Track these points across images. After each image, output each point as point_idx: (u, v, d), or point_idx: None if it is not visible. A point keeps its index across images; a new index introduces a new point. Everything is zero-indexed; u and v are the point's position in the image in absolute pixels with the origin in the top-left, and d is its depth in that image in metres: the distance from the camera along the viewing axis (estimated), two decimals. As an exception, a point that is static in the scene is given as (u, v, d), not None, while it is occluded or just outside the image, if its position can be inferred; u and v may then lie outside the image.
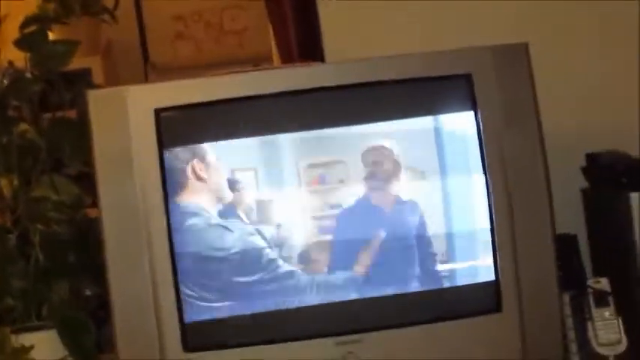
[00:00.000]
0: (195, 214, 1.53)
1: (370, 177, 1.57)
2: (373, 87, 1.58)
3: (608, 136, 1.91)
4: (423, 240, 1.57)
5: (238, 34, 5.64)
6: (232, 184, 1.54)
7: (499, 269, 1.56)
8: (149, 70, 5.59)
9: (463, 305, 1.58)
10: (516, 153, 1.57)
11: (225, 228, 1.53)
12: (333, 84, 1.56)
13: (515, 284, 1.56)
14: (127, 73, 5.32)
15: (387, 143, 1.58)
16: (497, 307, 1.56)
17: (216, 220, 1.53)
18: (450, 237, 1.58)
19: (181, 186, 1.53)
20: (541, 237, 1.57)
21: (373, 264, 1.56)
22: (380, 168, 1.58)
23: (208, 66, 5.50)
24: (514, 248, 1.56)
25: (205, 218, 1.53)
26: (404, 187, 1.58)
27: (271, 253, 1.54)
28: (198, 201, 1.53)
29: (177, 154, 1.52)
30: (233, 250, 1.54)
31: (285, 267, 1.55)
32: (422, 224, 1.57)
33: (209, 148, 1.53)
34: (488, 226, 1.56)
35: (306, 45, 2.54)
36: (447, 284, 1.59)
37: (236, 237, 1.54)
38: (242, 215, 1.53)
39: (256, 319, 1.55)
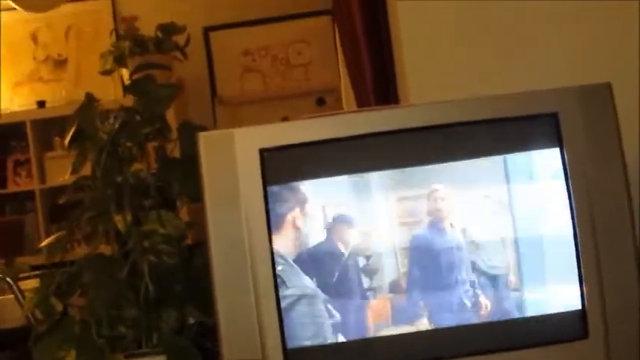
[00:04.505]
0: (281, 258, 1.63)
1: (456, 212, 1.66)
2: (463, 127, 1.67)
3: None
4: (512, 271, 1.65)
5: (304, 67, 5.77)
6: (328, 221, 1.64)
7: (585, 297, 1.64)
8: (217, 104, 5.74)
9: (550, 332, 1.66)
10: (601, 188, 1.64)
11: (316, 266, 1.63)
12: (425, 124, 1.65)
13: (601, 311, 1.63)
14: (196, 108, 5.48)
15: (473, 180, 1.67)
16: (584, 334, 1.64)
17: (301, 263, 1.63)
18: (537, 268, 1.66)
19: (279, 229, 1.63)
20: (625, 266, 1.64)
21: (464, 293, 1.65)
22: (464, 203, 1.67)
23: (275, 99, 5.66)
24: (600, 277, 1.63)
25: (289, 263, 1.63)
26: (489, 220, 1.67)
27: (365, 283, 1.64)
28: (288, 246, 1.63)
29: (280, 194, 1.62)
30: (327, 283, 1.63)
31: (377, 296, 1.64)
32: (510, 256, 1.66)
33: (308, 189, 1.63)
34: (574, 257, 1.64)
35: (381, 87, 2.64)
36: (535, 312, 1.66)
37: (329, 271, 1.63)
38: (337, 249, 1.63)
39: (352, 345, 1.64)
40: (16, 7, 4.70)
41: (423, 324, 1.65)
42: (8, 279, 2.71)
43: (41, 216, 5.35)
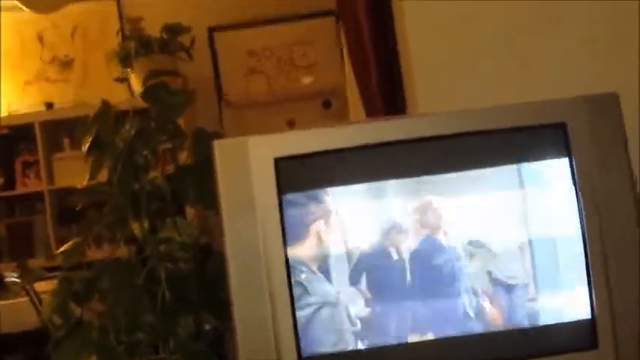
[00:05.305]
0: (303, 265, 1.66)
1: (466, 221, 1.69)
2: (473, 136, 1.70)
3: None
4: (523, 282, 1.68)
5: (308, 68, 5.78)
6: (346, 229, 1.66)
7: (595, 307, 1.66)
8: (223, 105, 5.76)
9: (560, 342, 1.68)
10: (609, 197, 1.67)
11: (339, 274, 1.66)
12: (438, 134, 1.68)
13: (610, 321, 1.66)
14: (202, 108, 5.50)
15: (483, 189, 1.70)
16: (593, 344, 1.66)
17: (326, 272, 1.66)
18: (548, 277, 1.69)
19: (299, 238, 1.66)
20: (634, 276, 1.67)
21: (472, 304, 1.67)
22: (476, 212, 1.69)
23: (281, 101, 5.68)
24: (609, 287, 1.66)
25: (312, 271, 1.66)
26: (501, 230, 1.69)
27: (383, 292, 1.67)
28: (309, 255, 1.66)
29: (296, 202, 1.65)
30: (344, 292, 1.66)
31: (396, 304, 1.67)
32: (520, 267, 1.68)
33: (324, 198, 1.66)
34: (584, 268, 1.67)
35: (388, 90, 2.66)
36: (545, 322, 1.68)
37: (348, 279, 1.66)
38: (355, 257, 1.66)
39: (369, 353, 1.67)
40: (23, 7, 4.72)
41: (437, 333, 1.67)
42: (26, 286, 2.74)
43: (50, 217, 5.39)
